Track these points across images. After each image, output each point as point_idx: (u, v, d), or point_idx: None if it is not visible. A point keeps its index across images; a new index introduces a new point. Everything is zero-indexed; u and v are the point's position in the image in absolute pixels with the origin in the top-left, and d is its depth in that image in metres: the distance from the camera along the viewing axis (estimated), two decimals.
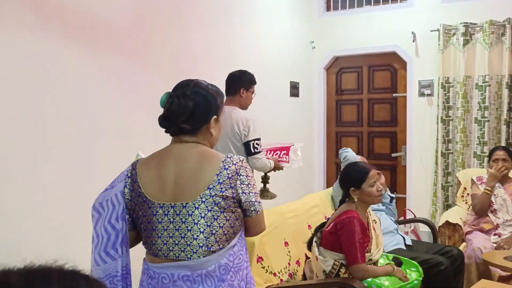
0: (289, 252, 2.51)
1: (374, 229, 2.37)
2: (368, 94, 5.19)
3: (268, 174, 3.20)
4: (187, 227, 1.42)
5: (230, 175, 1.44)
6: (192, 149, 1.49)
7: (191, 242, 1.41)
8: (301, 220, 2.70)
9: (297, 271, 2.55)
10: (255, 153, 2.92)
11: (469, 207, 3.76)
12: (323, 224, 2.37)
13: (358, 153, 5.24)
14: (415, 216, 4.62)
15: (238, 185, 1.45)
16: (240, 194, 1.46)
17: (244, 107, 3.09)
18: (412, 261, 2.41)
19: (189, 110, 1.46)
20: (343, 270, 2.21)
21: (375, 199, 2.34)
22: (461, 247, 3.47)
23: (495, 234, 3.39)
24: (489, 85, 4.27)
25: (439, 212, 4.44)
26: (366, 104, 5.21)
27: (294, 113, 4.92)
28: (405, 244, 3.02)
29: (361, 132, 5.25)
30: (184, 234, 1.42)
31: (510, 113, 4.21)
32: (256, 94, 3.21)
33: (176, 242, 1.43)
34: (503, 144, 4.19)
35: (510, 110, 4.21)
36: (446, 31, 4.46)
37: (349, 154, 3.29)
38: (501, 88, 4.25)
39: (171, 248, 1.44)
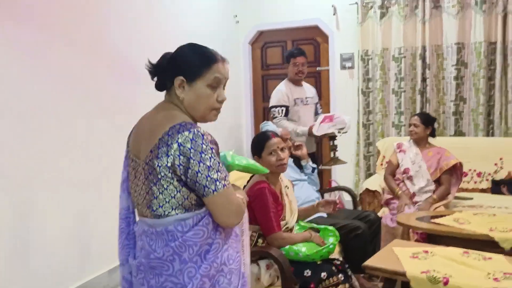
0: None
1: (287, 195, 2.39)
2: None
3: (334, 142, 3.72)
4: (148, 184, 1.42)
5: (169, 143, 1.36)
6: (162, 109, 1.47)
7: (151, 200, 1.42)
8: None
9: None
10: (273, 118, 3.83)
11: None
12: None
13: None
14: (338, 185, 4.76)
15: (176, 155, 1.34)
16: (177, 165, 1.35)
17: (289, 78, 3.90)
18: (328, 227, 2.46)
19: (160, 63, 1.48)
20: (260, 240, 2.22)
21: (274, 168, 2.31)
22: (380, 212, 3.63)
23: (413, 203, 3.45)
24: (404, 57, 4.44)
25: (362, 181, 4.60)
26: None
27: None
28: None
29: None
30: (147, 191, 1.43)
31: (424, 84, 4.42)
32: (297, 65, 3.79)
33: (142, 198, 1.46)
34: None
35: (424, 81, 4.41)
36: (364, 4, 4.56)
37: (270, 127, 3.30)
38: (415, 60, 4.43)
39: (139, 203, 1.49)
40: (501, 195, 3.73)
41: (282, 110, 3.79)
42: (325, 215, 3.06)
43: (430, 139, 3.62)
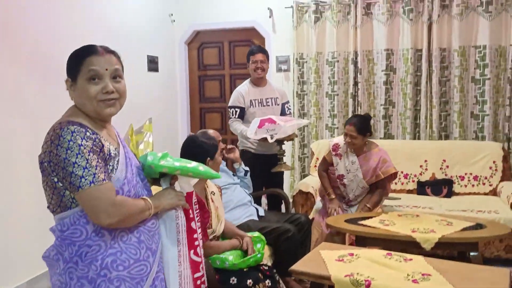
0: None
1: (212, 201, 2.35)
2: (230, 70, 5.19)
3: (281, 147, 3.62)
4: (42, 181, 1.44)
5: (46, 140, 1.39)
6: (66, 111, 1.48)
7: (46, 197, 1.44)
8: None
9: None
10: (229, 118, 3.79)
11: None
12: None
13: (221, 129, 5.28)
14: None
15: (47, 152, 1.36)
16: (47, 162, 1.36)
17: (250, 78, 3.80)
18: (255, 234, 2.45)
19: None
20: None
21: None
22: (311, 214, 3.68)
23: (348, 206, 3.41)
24: (338, 61, 4.54)
25: (297, 182, 4.66)
26: (228, 80, 5.21)
27: (154, 88, 4.73)
28: (258, 215, 3.09)
29: (224, 108, 5.25)
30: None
31: (356, 88, 4.54)
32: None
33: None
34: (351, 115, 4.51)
35: (356, 85, 4.54)
36: (299, 8, 4.61)
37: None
38: (348, 64, 4.55)
39: None
40: (425, 196, 3.92)
41: (236, 111, 3.70)
42: (256, 218, 3.05)
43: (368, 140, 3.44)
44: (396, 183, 4.13)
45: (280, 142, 3.56)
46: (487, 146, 4.04)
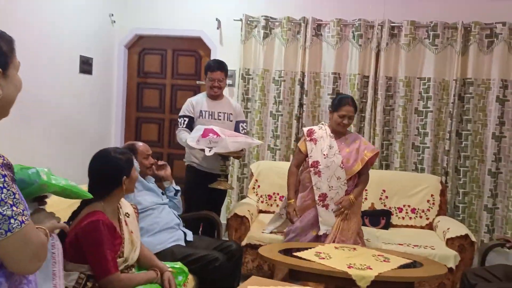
0: None
1: (126, 224, 2.06)
2: (172, 80, 4.91)
3: (225, 162, 3.44)
4: None
5: None
6: None
7: None
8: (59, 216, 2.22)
9: None
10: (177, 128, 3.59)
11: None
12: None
13: (158, 142, 4.96)
14: None
15: None
16: None
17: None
18: (175, 264, 2.17)
19: None
20: (90, 283, 1.84)
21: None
22: (245, 241, 3.44)
23: (323, 206, 3.07)
24: (284, 80, 4.39)
25: (233, 204, 4.42)
26: (169, 90, 4.92)
27: (86, 92, 4.34)
28: (186, 240, 2.82)
29: (163, 119, 4.95)
30: None
31: (301, 109, 4.40)
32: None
33: None
34: (293, 138, 4.36)
35: (301, 106, 4.40)
36: (249, 22, 4.44)
37: None
38: (294, 84, 4.41)
39: None
40: (363, 227, 3.77)
41: (185, 120, 3.52)
42: (183, 243, 2.77)
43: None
44: None
45: (225, 158, 3.36)
46: (426, 179, 4.01)
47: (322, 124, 3.31)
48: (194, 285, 2.58)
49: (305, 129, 3.26)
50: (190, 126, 3.49)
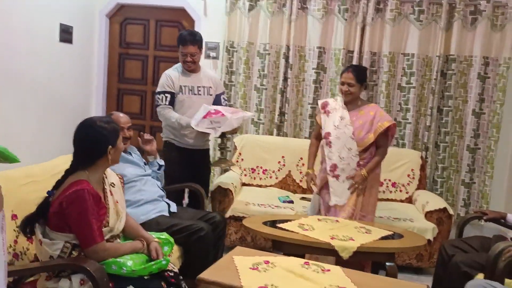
0: (17, 227, 2.01)
1: (111, 194, 2.03)
2: (154, 51, 4.82)
3: (223, 140, 3.34)
4: None
5: None
6: None
7: None
8: (41, 187, 2.18)
9: (28, 249, 2.07)
10: (156, 105, 3.35)
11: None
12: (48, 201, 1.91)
13: (140, 114, 4.90)
14: None
15: None
16: None
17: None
18: (161, 235, 2.18)
19: None
20: (76, 252, 1.83)
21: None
22: (228, 213, 3.47)
23: (333, 176, 3.06)
24: (269, 54, 4.36)
25: (216, 176, 4.42)
26: (152, 61, 4.84)
27: (66, 61, 4.24)
28: (169, 211, 2.82)
29: (145, 92, 4.88)
30: None
31: (285, 83, 4.39)
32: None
33: None
34: (277, 112, 4.36)
35: (285, 80, 4.38)
36: None
37: None
38: (279, 58, 4.38)
39: None
40: None
41: (166, 97, 3.27)
42: (167, 214, 2.78)
43: (362, 94, 3.17)
44: None
45: (222, 135, 3.21)
46: (407, 154, 4.07)
47: (338, 96, 3.26)
48: (179, 255, 2.60)
49: (319, 102, 3.25)
50: (173, 103, 3.31)
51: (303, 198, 3.83)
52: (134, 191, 2.71)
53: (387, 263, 2.53)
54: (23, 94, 3.70)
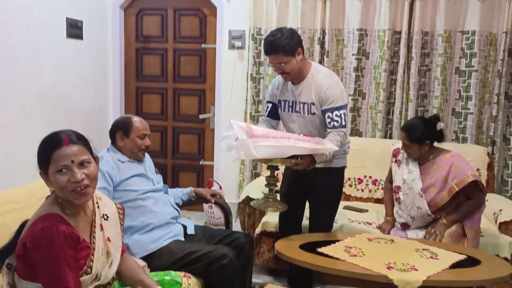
0: None
1: (102, 229, 1.55)
2: (174, 44, 4.34)
3: (272, 172, 2.33)
4: None
5: None
6: None
7: None
8: (23, 215, 1.72)
9: None
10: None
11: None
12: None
13: (161, 114, 4.46)
14: (220, 187, 4.04)
15: None
16: None
17: None
18: (166, 274, 1.68)
19: None
20: None
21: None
22: (259, 228, 2.95)
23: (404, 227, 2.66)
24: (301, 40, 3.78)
25: (246, 181, 3.92)
26: (171, 55, 4.37)
27: (76, 60, 3.82)
28: (186, 234, 2.34)
29: (166, 89, 4.42)
30: None
31: None
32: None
33: None
34: None
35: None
36: None
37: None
38: (313, 44, 3.81)
39: None
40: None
41: (267, 107, 2.61)
42: (182, 237, 2.30)
43: (436, 144, 2.65)
44: (363, 190, 3.46)
45: (272, 167, 2.31)
46: (471, 150, 3.40)
47: None
48: None
49: (391, 148, 2.79)
50: (275, 115, 2.58)
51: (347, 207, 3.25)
52: (141, 213, 2.24)
53: None
54: (26, 100, 3.30)
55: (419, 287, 1.90)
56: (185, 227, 2.35)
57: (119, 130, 2.34)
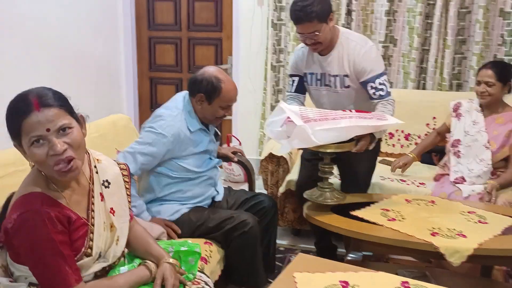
0: None
1: (102, 198, 1.29)
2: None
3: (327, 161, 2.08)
4: None
5: None
6: None
7: None
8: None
9: None
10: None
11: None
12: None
13: (176, 66, 4.21)
14: (240, 143, 3.83)
15: None
16: None
17: None
18: (182, 245, 1.49)
19: None
20: None
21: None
22: (282, 188, 2.74)
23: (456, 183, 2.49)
24: None
25: (267, 138, 3.69)
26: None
27: (86, 8, 3.54)
28: (213, 200, 2.16)
29: (180, 38, 4.13)
30: None
31: (349, 18, 3.46)
32: None
33: None
34: None
35: (349, 14, 3.45)
36: None
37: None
38: None
39: None
40: (432, 166, 2.99)
41: (293, 81, 2.34)
42: (206, 204, 2.12)
43: (505, 97, 2.53)
44: (394, 145, 3.22)
45: (326, 154, 2.03)
46: None
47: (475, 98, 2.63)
48: (219, 258, 1.94)
49: (451, 103, 2.69)
50: (302, 89, 2.33)
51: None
52: (181, 190, 2.04)
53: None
54: (31, 49, 3.06)
55: (469, 256, 1.69)
56: (217, 193, 2.18)
57: (203, 92, 1.97)
